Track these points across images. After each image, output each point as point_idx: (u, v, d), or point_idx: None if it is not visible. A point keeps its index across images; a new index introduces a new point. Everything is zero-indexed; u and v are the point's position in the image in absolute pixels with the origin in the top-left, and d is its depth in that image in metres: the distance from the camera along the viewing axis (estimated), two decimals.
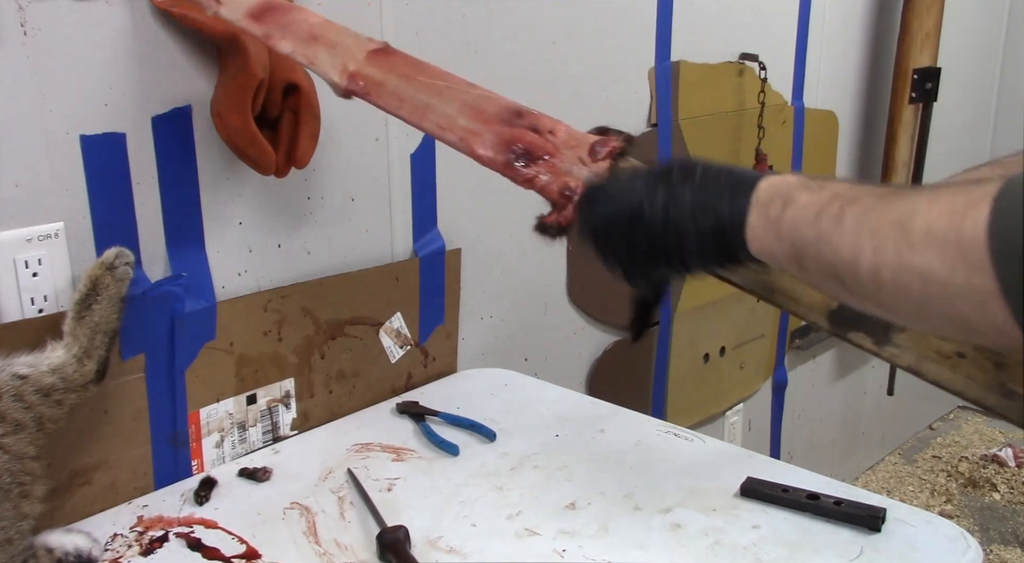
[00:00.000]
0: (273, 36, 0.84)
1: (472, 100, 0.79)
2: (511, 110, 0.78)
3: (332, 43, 0.83)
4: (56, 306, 0.96)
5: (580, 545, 0.95)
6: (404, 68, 0.81)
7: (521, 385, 1.37)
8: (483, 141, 0.76)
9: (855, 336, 0.75)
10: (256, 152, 1.02)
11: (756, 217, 0.64)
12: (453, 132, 0.77)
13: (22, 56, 0.91)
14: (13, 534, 0.83)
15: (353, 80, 0.80)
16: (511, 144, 0.74)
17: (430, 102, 0.79)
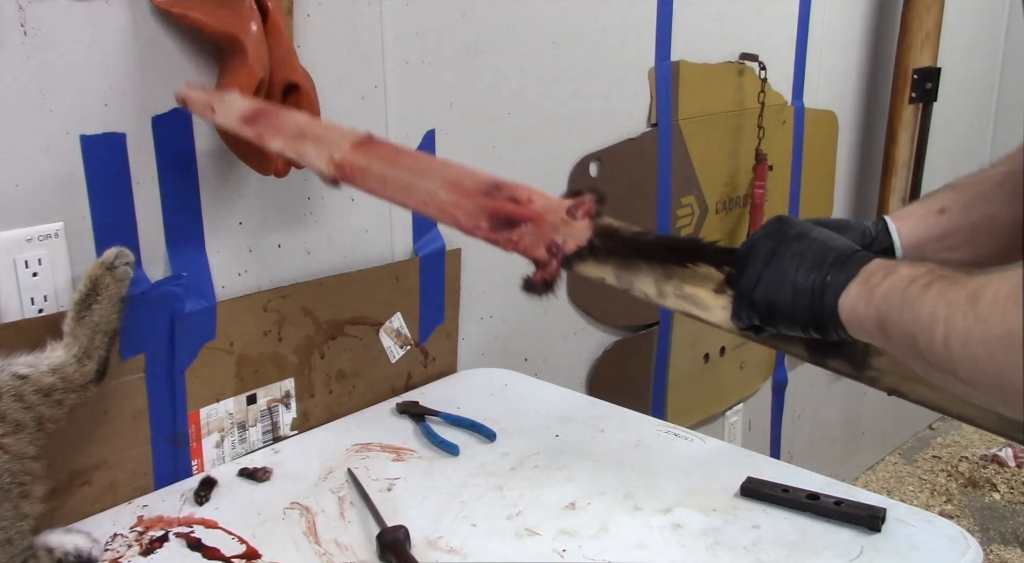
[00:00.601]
0: (264, 136, 0.90)
1: (452, 176, 0.84)
2: (489, 183, 0.82)
3: (318, 137, 0.89)
4: (56, 306, 0.96)
5: (580, 545, 0.95)
6: (386, 154, 0.87)
7: (521, 385, 1.37)
8: (466, 212, 0.80)
9: (834, 363, 0.77)
10: (255, 152, 1.02)
11: (856, 285, 0.67)
12: (436, 207, 0.82)
13: (22, 56, 0.91)
14: (13, 534, 0.83)
15: (340, 169, 0.86)
16: (493, 214, 0.78)
17: (412, 182, 0.85)
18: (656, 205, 1.73)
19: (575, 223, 0.81)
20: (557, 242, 0.78)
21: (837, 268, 0.69)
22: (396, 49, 1.25)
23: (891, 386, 0.76)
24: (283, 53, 1.02)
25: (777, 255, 0.73)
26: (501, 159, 1.44)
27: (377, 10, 1.21)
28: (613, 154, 1.61)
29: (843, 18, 2.12)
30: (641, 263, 0.84)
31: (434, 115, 1.32)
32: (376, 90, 1.24)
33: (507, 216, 0.80)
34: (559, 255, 0.78)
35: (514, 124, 1.44)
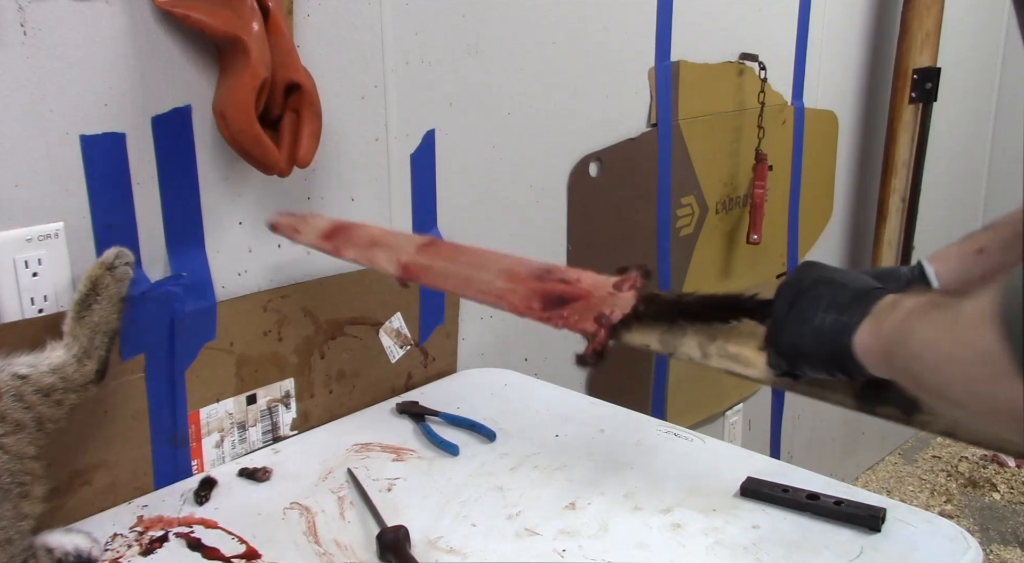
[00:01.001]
0: (341, 248, 1.01)
1: (506, 266, 0.91)
2: (541, 269, 0.89)
3: (388, 245, 1.00)
4: (56, 306, 0.96)
5: (580, 545, 0.95)
6: (447, 253, 0.97)
7: (521, 385, 1.37)
8: (521, 297, 0.86)
9: (883, 410, 0.77)
10: (260, 152, 1.02)
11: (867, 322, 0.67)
12: (493, 294, 0.89)
13: (22, 56, 0.91)
14: (13, 534, 0.83)
15: (406, 270, 0.95)
16: (545, 295, 0.84)
17: (471, 274, 0.92)
18: (656, 205, 1.73)
19: (621, 295, 0.86)
20: (605, 313, 0.83)
21: (853, 308, 0.69)
22: (396, 49, 1.25)
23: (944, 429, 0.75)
24: (285, 53, 1.03)
25: (798, 300, 0.74)
26: (501, 159, 1.44)
27: (377, 10, 1.21)
28: (613, 154, 1.61)
29: (843, 18, 2.12)
30: (685, 325, 0.86)
31: (434, 115, 1.32)
32: (376, 90, 1.24)
33: (558, 296, 0.86)
34: (607, 325, 0.82)
35: (514, 124, 1.44)
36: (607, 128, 1.61)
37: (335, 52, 1.17)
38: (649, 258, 1.76)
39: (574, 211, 1.58)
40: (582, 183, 1.58)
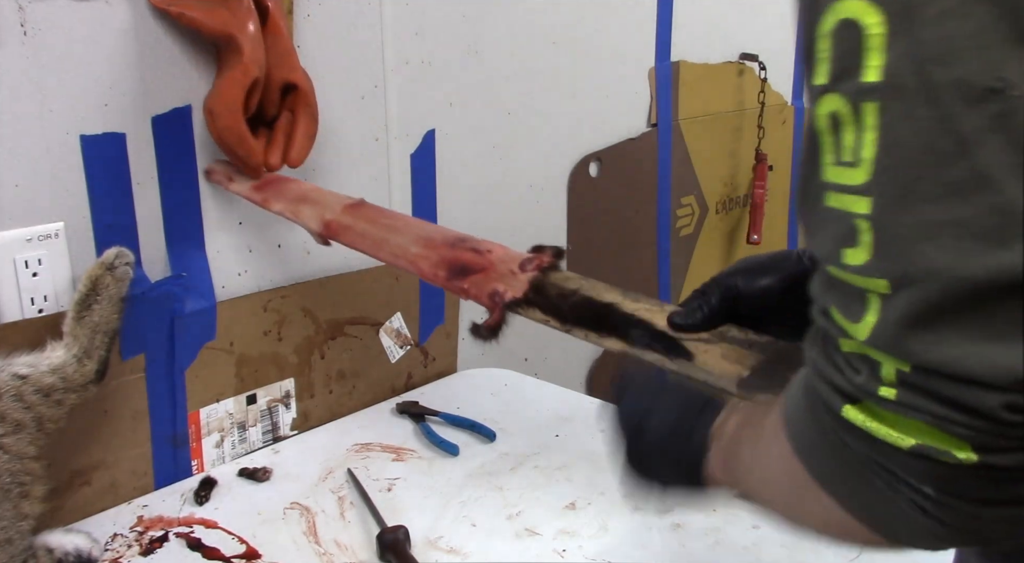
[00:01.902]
0: (269, 199, 1.01)
1: (424, 233, 0.92)
2: (456, 237, 0.90)
3: (316, 202, 1.00)
4: (56, 306, 0.96)
5: (580, 545, 0.95)
6: (371, 215, 0.97)
7: (521, 385, 1.37)
8: (430, 263, 0.87)
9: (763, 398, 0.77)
10: (244, 151, 1.01)
11: (711, 454, 0.63)
12: (405, 258, 0.90)
13: (22, 56, 0.91)
14: (13, 534, 0.83)
15: (327, 227, 0.96)
16: (451, 263, 0.85)
17: (387, 237, 0.93)
18: (656, 205, 1.73)
19: (520, 276, 0.85)
20: (499, 290, 0.83)
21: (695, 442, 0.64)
22: (396, 49, 1.25)
23: None
24: (282, 53, 1.03)
25: (641, 436, 0.71)
26: (501, 159, 1.44)
27: (377, 10, 1.21)
28: (613, 154, 1.61)
29: None
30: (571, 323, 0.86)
31: (434, 115, 1.32)
32: (376, 90, 1.24)
33: (462, 265, 0.86)
34: (499, 304, 0.82)
35: (514, 124, 1.44)
36: (607, 128, 1.61)
37: (335, 52, 1.17)
38: (649, 258, 1.76)
39: (574, 211, 1.58)
40: (582, 183, 1.58)
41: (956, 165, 0.37)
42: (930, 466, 0.40)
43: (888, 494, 0.43)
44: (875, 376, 0.40)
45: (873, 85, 0.38)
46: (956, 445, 0.39)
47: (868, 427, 0.41)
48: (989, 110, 0.36)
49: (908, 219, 0.38)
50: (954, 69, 0.36)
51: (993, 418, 0.37)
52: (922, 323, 0.38)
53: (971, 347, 0.37)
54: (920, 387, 0.39)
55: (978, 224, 0.36)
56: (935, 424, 0.39)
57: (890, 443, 0.40)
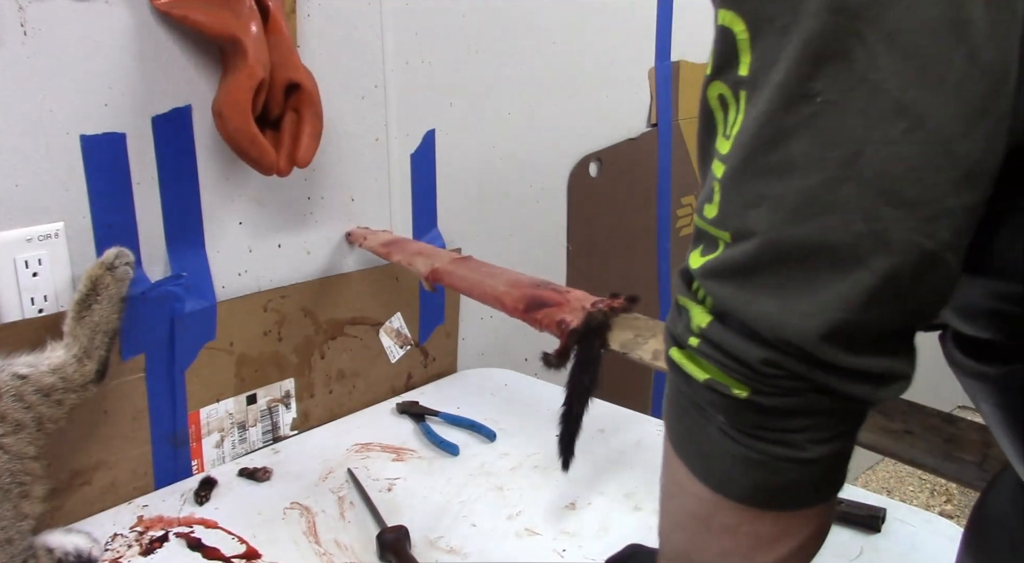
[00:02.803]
0: (392, 253, 1.19)
1: (513, 277, 1.04)
2: (541, 281, 1.02)
3: (429, 254, 1.17)
4: (56, 306, 0.96)
5: (580, 545, 0.95)
6: (471, 265, 1.12)
7: (521, 385, 1.37)
8: (513, 298, 0.98)
9: None
10: (256, 152, 1.02)
11: None
12: (493, 295, 1.01)
13: (22, 56, 0.91)
14: (13, 534, 0.83)
15: (434, 273, 1.11)
16: (531, 299, 0.95)
17: (482, 280, 1.06)
18: (656, 205, 1.73)
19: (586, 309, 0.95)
20: (565, 320, 0.92)
21: None
22: (396, 49, 1.25)
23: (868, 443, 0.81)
24: (285, 53, 1.03)
25: None
26: (501, 159, 1.44)
27: (377, 10, 1.21)
28: (613, 154, 1.61)
29: None
30: None
31: (434, 115, 1.32)
32: (376, 90, 1.24)
33: (541, 300, 0.96)
34: (565, 330, 0.91)
35: (514, 124, 1.44)
36: (607, 128, 1.61)
37: (335, 52, 1.17)
38: (649, 258, 1.76)
39: (574, 211, 1.58)
40: (582, 183, 1.58)
41: (775, 151, 0.45)
42: (718, 398, 0.49)
43: (702, 424, 0.52)
44: (688, 328, 0.50)
45: (743, 78, 0.47)
46: (734, 384, 0.48)
47: (680, 364, 0.51)
48: (803, 111, 0.43)
49: (741, 188, 0.46)
50: (780, 74, 0.44)
51: (754, 369, 0.47)
52: (729, 273, 0.47)
53: (754, 301, 0.46)
54: (711, 340, 0.48)
55: (787, 201, 0.44)
56: (719, 366, 0.49)
57: (693, 377, 0.50)
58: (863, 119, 0.42)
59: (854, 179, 0.43)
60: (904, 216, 0.43)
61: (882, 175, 0.42)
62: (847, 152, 0.43)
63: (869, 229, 0.43)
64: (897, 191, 0.42)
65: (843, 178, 0.43)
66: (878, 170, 0.42)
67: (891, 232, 0.43)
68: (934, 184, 0.42)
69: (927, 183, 0.42)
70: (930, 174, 0.42)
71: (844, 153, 0.43)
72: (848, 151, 0.43)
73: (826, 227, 0.44)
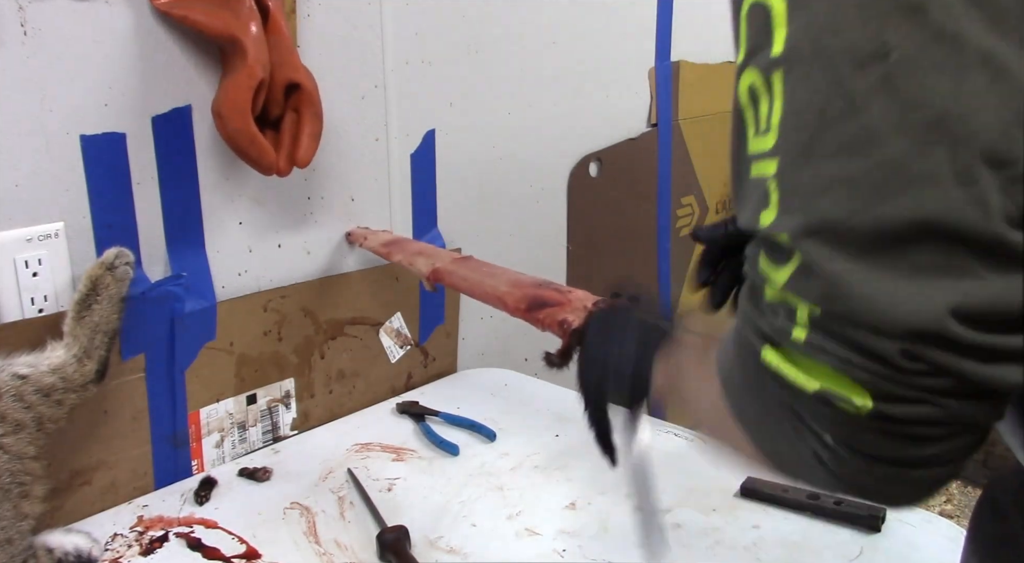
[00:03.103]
0: (392, 253, 1.19)
1: (514, 277, 1.03)
2: (543, 281, 1.02)
3: (430, 254, 1.16)
4: (56, 306, 0.96)
5: (580, 545, 0.95)
6: (472, 265, 1.12)
7: (521, 385, 1.37)
8: (515, 298, 0.98)
9: None
10: (256, 152, 1.02)
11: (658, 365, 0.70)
12: (495, 294, 1.01)
13: (22, 56, 0.91)
14: (13, 534, 0.83)
15: (435, 272, 1.11)
16: (533, 299, 0.95)
17: (483, 280, 1.05)
18: (656, 205, 1.73)
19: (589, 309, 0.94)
20: (567, 319, 0.91)
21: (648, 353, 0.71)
22: (396, 49, 1.25)
23: None
24: (284, 53, 1.03)
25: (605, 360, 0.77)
26: (501, 159, 1.44)
27: (377, 10, 1.21)
28: (613, 154, 1.61)
29: None
30: None
31: (434, 115, 1.32)
32: (376, 90, 1.24)
33: (543, 300, 0.95)
34: (567, 330, 0.90)
35: (514, 124, 1.44)
36: (607, 128, 1.61)
37: (335, 52, 1.17)
38: (649, 258, 1.76)
39: (574, 211, 1.58)
40: (582, 183, 1.58)
41: (847, 124, 0.40)
42: (831, 412, 0.43)
43: (794, 439, 0.46)
44: (791, 319, 0.43)
45: (778, 56, 0.42)
46: (856, 391, 0.42)
47: (781, 369, 0.44)
48: (875, 73, 0.39)
49: (806, 175, 0.41)
50: (843, 36, 0.40)
51: (891, 364, 0.40)
52: (820, 273, 0.41)
53: (868, 294, 0.40)
54: (828, 330, 0.42)
55: (867, 179, 0.40)
56: (839, 367, 0.42)
57: (798, 386, 0.43)
58: (946, 74, 0.39)
59: (946, 141, 0.39)
60: (998, 176, 0.39)
61: (974, 133, 0.39)
62: (934, 112, 0.39)
63: (968, 195, 0.39)
64: (991, 149, 0.39)
65: (934, 141, 0.39)
66: (969, 128, 0.39)
67: (989, 195, 0.39)
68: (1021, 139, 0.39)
69: (1016, 138, 0.39)
70: (1019, 129, 0.39)
71: (930, 113, 0.39)
72: (935, 110, 0.39)
73: (921, 199, 0.39)
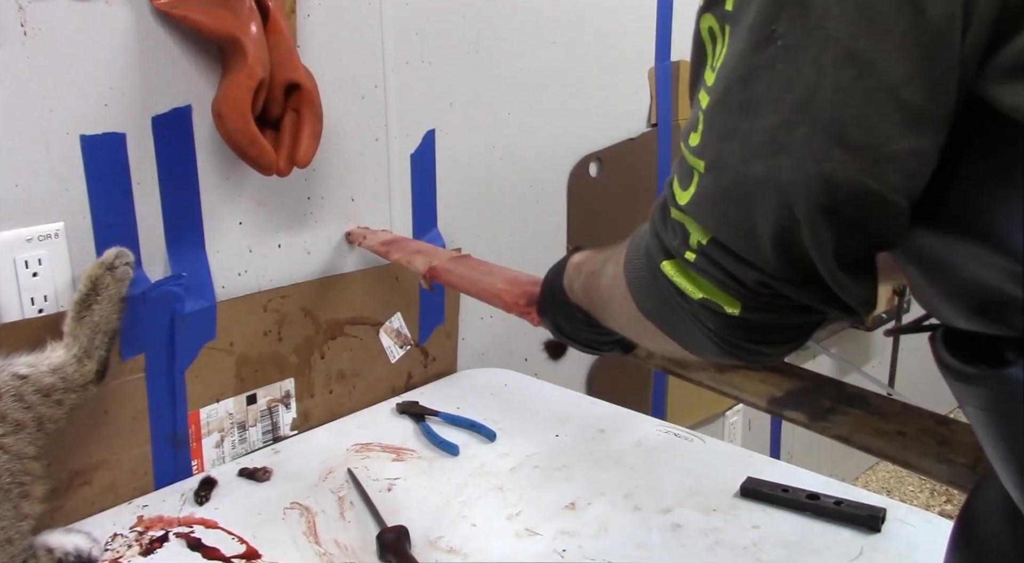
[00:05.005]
0: (391, 252, 1.20)
1: (511, 275, 1.06)
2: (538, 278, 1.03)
3: (428, 253, 1.17)
4: (56, 306, 0.96)
5: (580, 545, 0.95)
6: (470, 263, 1.14)
7: (521, 385, 1.37)
8: (512, 295, 1.00)
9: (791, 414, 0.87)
10: (256, 152, 1.02)
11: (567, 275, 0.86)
12: (491, 291, 1.04)
13: (22, 56, 0.91)
14: (13, 534, 0.83)
15: (432, 270, 1.12)
16: (532, 295, 0.98)
17: (480, 278, 1.07)
18: None
19: None
20: None
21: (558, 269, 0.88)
22: (396, 49, 1.25)
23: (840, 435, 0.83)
24: (284, 53, 1.03)
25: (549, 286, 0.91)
26: (501, 159, 1.44)
27: (377, 10, 1.21)
28: (613, 154, 1.61)
29: None
30: None
31: (434, 115, 1.32)
32: (376, 90, 1.24)
33: None
34: None
35: (514, 124, 1.44)
36: (607, 128, 1.61)
37: (335, 52, 1.17)
38: None
39: (574, 211, 1.58)
40: (582, 183, 1.58)
41: (745, 89, 0.47)
42: (711, 314, 0.54)
43: (689, 326, 0.57)
44: (685, 242, 0.53)
45: (728, 12, 0.49)
46: (728, 302, 0.53)
47: (674, 280, 0.55)
48: (767, 53, 0.46)
49: (718, 120, 0.49)
50: (756, 15, 0.46)
51: (750, 289, 0.51)
52: (715, 203, 0.50)
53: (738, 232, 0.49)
54: (710, 256, 0.52)
55: (751, 138, 0.47)
56: (716, 284, 0.52)
57: (687, 293, 0.54)
58: (816, 66, 0.44)
59: (807, 122, 0.45)
60: (853, 159, 0.45)
61: (833, 120, 0.45)
62: (801, 96, 0.45)
63: (819, 170, 0.45)
64: (847, 136, 0.44)
65: (797, 121, 0.45)
66: (830, 115, 0.45)
67: (839, 174, 0.45)
68: (881, 129, 0.44)
69: (875, 128, 0.44)
70: (877, 120, 0.44)
71: (799, 97, 0.45)
72: (802, 95, 0.45)
73: (780, 167, 0.46)
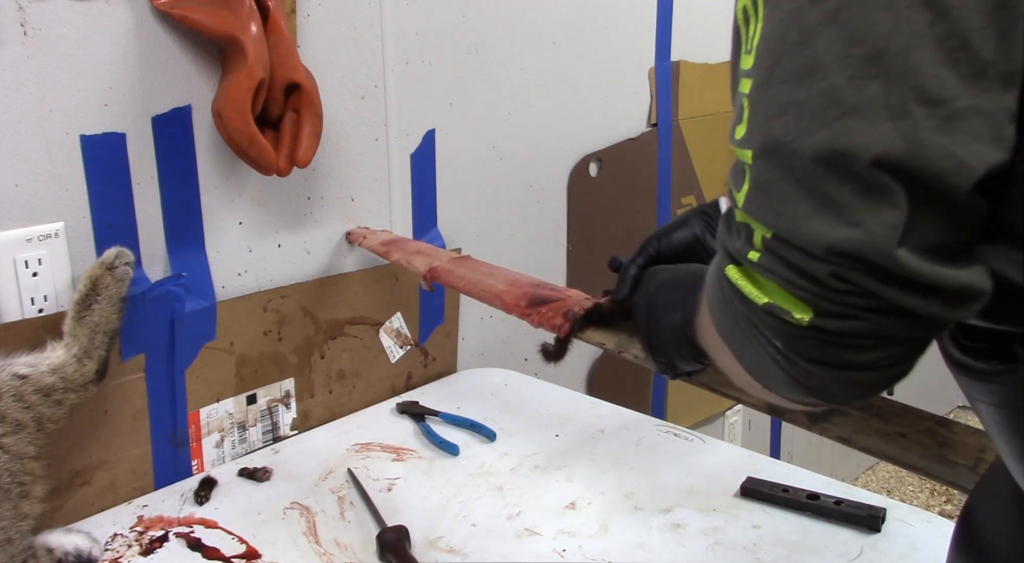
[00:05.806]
0: (391, 252, 1.20)
1: (512, 276, 1.06)
2: (539, 281, 1.05)
3: (428, 253, 1.18)
4: (56, 306, 0.96)
5: (580, 545, 0.95)
6: (470, 264, 1.14)
7: (521, 385, 1.37)
8: (513, 296, 1.01)
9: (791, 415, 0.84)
10: (256, 152, 1.02)
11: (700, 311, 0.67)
12: (492, 292, 1.03)
13: (22, 56, 0.91)
14: (13, 534, 0.83)
15: (433, 271, 1.12)
16: (532, 297, 0.99)
17: (481, 279, 1.07)
18: (656, 205, 1.73)
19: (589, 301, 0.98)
20: (573, 309, 0.95)
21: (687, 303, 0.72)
22: (396, 49, 1.25)
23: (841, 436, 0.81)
24: (284, 53, 1.03)
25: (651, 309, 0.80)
26: (501, 159, 1.44)
27: (377, 10, 1.21)
28: (613, 154, 1.61)
29: None
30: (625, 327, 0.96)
31: (434, 115, 1.32)
32: (376, 90, 1.24)
33: (542, 298, 0.99)
34: (572, 318, 0.94)
35: (514, 124, 1.44)
36: (607, 128, 1.61)
37: (335, 52, 1.17)
38: None
39: (574, 211, 1.58)
40: (582, 183, 1.58)
41: (799, 52, 0.43)
42: (778, 323, 0.47)
43: (756, 346, 0.50)
44: (749, 241, 0.47)
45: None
46: (797, 306, 0.46)
47: (738, 284, 0.48)
48: (827, 6, 0.42)
49: (767, 98, 0.45)
50: None
51: (823, 284, 0.44)
52: (769, 192, 0.45)
53: (799, 217, 0.44)
54: (775, 253, 0.46)
55: (810, 105, 0.42)
56: (783, 286, 0.46)
57: (751, 299, 0.48)
58: (889, 11, 0.41)
59: (881, 77, 0.41)
60: (930, 114, 0.41)
61: (910, 70, 0.41)
62: (873, 48, 0.41)
63: (897, 128, 0.41)
64: (924, 87, 0.41)
65: (871, 76, 0.41)
66: (906, 65, 0.41)
67: (920, 131, 0.41)
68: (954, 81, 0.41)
69: (947, 79, 0.41)
70: (950, 70, 0.41)
71: (869, 49, 0.41)
72: (874, 46, 0.41)
73: (849, 130, 0.41)
